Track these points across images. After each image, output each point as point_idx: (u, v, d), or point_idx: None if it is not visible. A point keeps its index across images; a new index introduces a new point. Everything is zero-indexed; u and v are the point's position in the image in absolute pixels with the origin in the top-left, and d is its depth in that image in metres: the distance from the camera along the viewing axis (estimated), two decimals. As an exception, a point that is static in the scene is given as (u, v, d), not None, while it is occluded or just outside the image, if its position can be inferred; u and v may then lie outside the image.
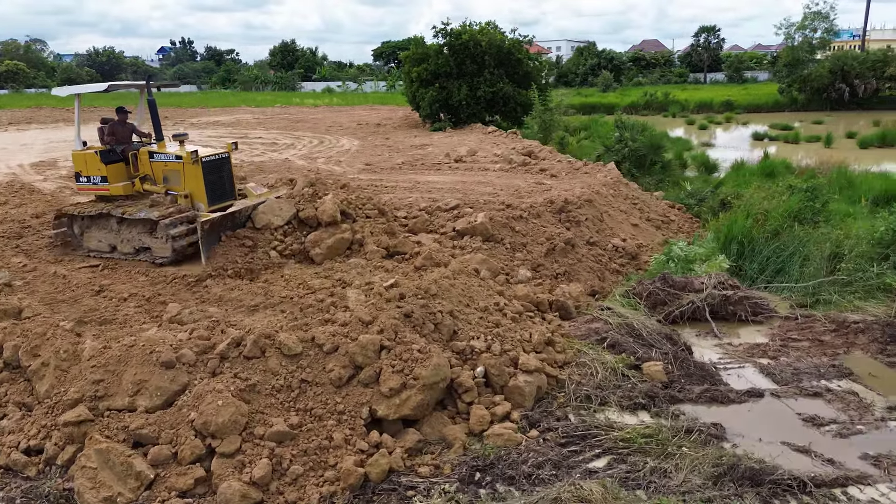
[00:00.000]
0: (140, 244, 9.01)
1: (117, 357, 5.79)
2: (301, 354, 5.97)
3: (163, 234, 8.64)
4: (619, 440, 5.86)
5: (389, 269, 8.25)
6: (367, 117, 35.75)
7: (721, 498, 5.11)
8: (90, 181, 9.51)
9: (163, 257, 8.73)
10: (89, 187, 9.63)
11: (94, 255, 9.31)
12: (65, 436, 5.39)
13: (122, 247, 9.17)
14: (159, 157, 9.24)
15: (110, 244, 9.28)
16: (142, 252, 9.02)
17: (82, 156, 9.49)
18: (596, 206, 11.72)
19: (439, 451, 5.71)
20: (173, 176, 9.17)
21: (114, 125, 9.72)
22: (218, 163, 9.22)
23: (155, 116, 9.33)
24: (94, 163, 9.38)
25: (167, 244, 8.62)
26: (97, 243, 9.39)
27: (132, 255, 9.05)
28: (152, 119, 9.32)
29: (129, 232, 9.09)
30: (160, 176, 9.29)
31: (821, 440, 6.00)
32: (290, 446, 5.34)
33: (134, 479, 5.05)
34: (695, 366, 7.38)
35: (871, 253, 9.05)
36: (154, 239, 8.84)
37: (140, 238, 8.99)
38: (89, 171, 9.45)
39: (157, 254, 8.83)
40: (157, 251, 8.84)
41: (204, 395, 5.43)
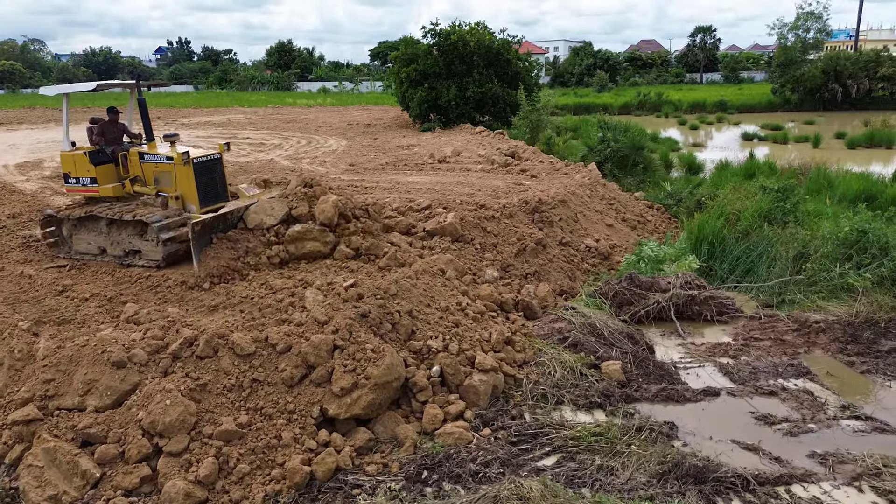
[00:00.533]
0: (130, 247, 8.78)
1: (69, 357, 5.83)
2: (254, 354, 6.01)
3: (154, 237, 8.42)
4: (570, 439, 5.91)
5: (354, 269, 8.28)
6: (359, 117, 35.80)
7: (663, 495, 5.15)
8: (79, 182, 9.28)
9: (153, 260, 8.50)
10: (78, 188, 9.38)
11: (83, 258, 9.12)
12: (14, 435, 5.43)
13: (112, 249, 8.94)
14: (150, 158, 9.01)
15: (100, 247, 9.06)
16: (132, 255, 8.79)
17: (71, 157, 9.25)
18: (570, 206, 11.76)
19: (390, 450, 5.75)
20: (164, 177, 8.93)
21: (104, 125, 9.53)
22: (210, 164, 8.98)
23: (145, 116, 9.10)
24: (82, 164, 9.16)
25: (158, 247, 8.40)
26: (86, 246, 9.17)
27: (122, 258, 8.83)
28: (142, 119, 9.10)
29: (119, 234, 8.87)
30: (151, 177, 9.05)
31: (771, 438, 6.05)
32: (237, 445, 5.38)
33: (80, 478, 5.09)
34: (654, 365, 7.43)
35: (836, 253, 9.10)
36: (145, 242, 8.62)
37: (130, 241, 8.75)
38: (78, 173, 9.23)
39: (147, 257, 8.60)
40: (147, 254, 8.61)
41: (153, 395, 5.47)
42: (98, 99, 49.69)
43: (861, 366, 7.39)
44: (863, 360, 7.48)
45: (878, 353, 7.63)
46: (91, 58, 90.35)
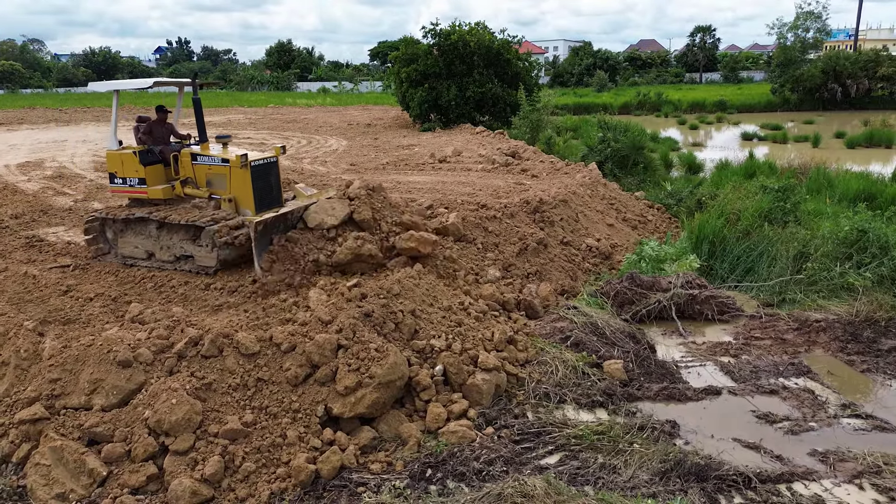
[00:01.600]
0: (181, 252, 8.36)
1: (75, 356, 5.87)
2: (258, 353, 6.05)
3: (208, 242, 8.03)
4: (572, 437, 5.95)
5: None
6: (359, 117, 35.83)
7: (666, 493, 5.19)
8: (126, 183, 8.87)
9: (206, 266, 8.12)
10: (125, 189, 8.95)
11: (129, 262, 8.77)
12: (21, 434, 5.47)
13: (161, 254, 8.52)
14: (203, 160, 8.60)
15: (147, 251, 8.66)
16: (182, 260, 8.40)
17: (118, 156, 8.84)
18: (571, 206, 11.80)
19: (394, 449, 5.79)
20: (218, 180, 8.54)
21: (151, 124, 9.14)
22: (266, 167, 8.53)
23: (199, 117, 8.66)
24: (131, 164, 8.75)
25: (212, 252, 8.01)
26: (133, 249, 8.75)
27: (171, 263, 8.46)
28: (196, 119, 8.63)
29: (169, 238, 8.44)
30: (203, 179, 8.66)
31: (772, 437, 6.09)
32: (243, 444, 5.42)
33: (86, 477, 5.13)
34: (655, 364, 7.47)
35: (836, 252, 9.15)
36: (197, 247, 8.18)
37: (182, 245, 8.33)
38: (125, 173, 8.82)
39: (199, 263, 8.18)
40: (200, 260, 8.18)
41: (159, 394, 5.50)
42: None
43: (861, 364, 7.44)
44: (863, 359, 7.53)
45: (879, 351, 7.67)
46: (90, 58, 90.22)
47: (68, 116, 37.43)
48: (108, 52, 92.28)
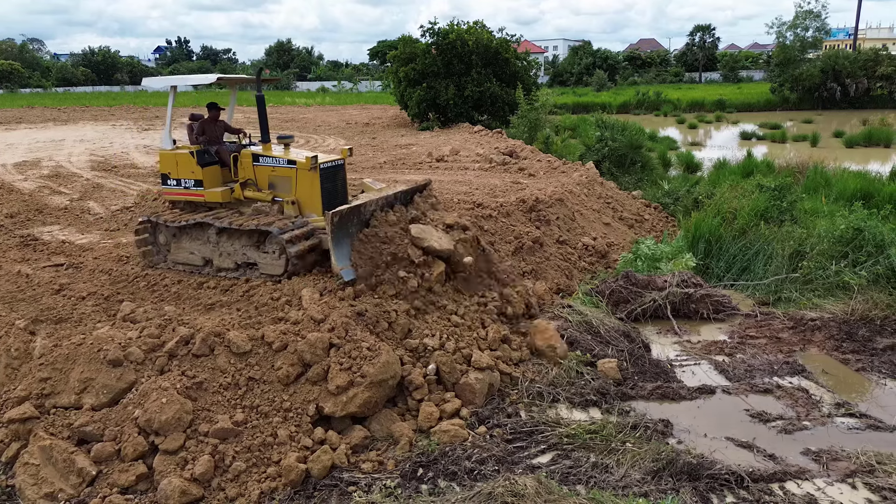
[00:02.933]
0: (244, 259, 7.84)
1: (65, 355, 5.85)
2: (250, 352, 6.03)
3: (275, 248, 7.54)
4: (565, 436, 5.94)
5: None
6: (358, 117, 35.82)
7: (658, 492, 5.17)
8: (181, 185, 8.33)
9: (272, 275, 7.58)
10: (179, 192, 8.40)
11: (181, 268, 8.30)
12: (10, 433, 5.45)
13: (220, 261, 7.98)
14: (266, 161, 8.07)
15: (205, 257, 8.14)
16: (244, 268, 7.88)
17: (173, 156, 8.29)
18: (567, 205, 11.78)
19: (385, 448, 5.77)
20: (282, 182, 8.04)
21: (204, 123, 8.60)
22: (334, 170, 8.10)
23: (263, 115, 8.17)
24: (187, 164, 8.20)
25: (280, 259, 7.50)
26: (188, 256, 8.25)
27: (231, 270, 7.92)
28: (260, 118, 8.18)
29: (230, 244, 7.90)
30: (265, 182, 8.15)
31: (765, 436, 6.07)
32: (233, 443, 5.39)
33: (76, 476, 5.11)
34: (650, 363, 7.46)
35: (832, 251, 9.12)
36: (262, 253, 7.68)
37: (245, 252, 7.81)
38: (180, 174, 8.27)
39: (265, 271, 7.63)
40: (265, 267, 7.63)
41: (149, 393, 5.48)
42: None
43: (856, 363, 7.42)
44: (858, 358, 7.51)
45: (874, 350, 7.65)
46: (90, 57, 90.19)
47: (67, 116, 37.41)
48: (108, 52, 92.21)
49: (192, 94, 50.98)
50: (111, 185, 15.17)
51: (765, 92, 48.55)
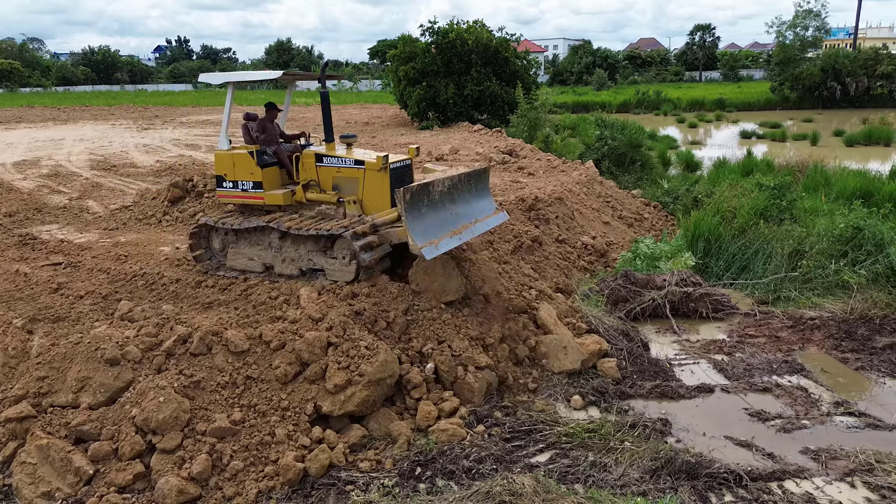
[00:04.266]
0: (310, 265, 7.55)
1: (63, 354, 5.84)
2: (248, 351, 6.02)
3: (344, 254, 7.27)
4: (563, 435, 5.93)
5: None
6: (357, 116, 35.78)
7: (656, 491, 5.16)
8: (238, 187, 7.94)
9: (339, 281, 7.27)
10: (237, 195, 8.00)
11: (239, 275, 7.91)
12: (7, 432, 5.44)
13: (283, 267, 7.69)
14: (331, 162, 7.71)
15: (265, 263, 7.85)
16: (310, 274, 7.60)
17: (230, 157, 7.89)
18: (567, 204, 11.76)
19: (383, 447, 5.76)
20: (347, 184, 7.72)
21: (263, 122, 8.29)
22: (402, 170, 7.83)
23: (327, 113, 7.85)
24: (246, 166, 7.79)
25: (350, 265, 7.22)
26: (247, 262, 7.94)
27: (294, 277, 7.63)
28: (324, 116, 7.89)
29: (294, 250, 7.62)
30: (329, 183, 7.81)
31: (764, 435, 6.06)
32: (231, 442, 5.38)
33: (73, 475, 5.10)
34: (649, 362, 7.44)
35: (831, 250, 9.10)
36: (331, 259, 7.40)
37: (311, 258, 7.53)
38: (238, 176, 7.88)
39: (332, 277, 7.35)
40: (333, 274, 7.35)
41: (147, 392, 5.47)
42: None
43: (855, 362, 7.40)
44: (857, 357, 7.49)
45: (873, 349, 7.64)
46: (90, 56, 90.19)
47: (66, 115, 37.38)
48: (108, 51, 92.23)
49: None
50: (110, 184, 15.16)
51: (765, 91, 48.53)
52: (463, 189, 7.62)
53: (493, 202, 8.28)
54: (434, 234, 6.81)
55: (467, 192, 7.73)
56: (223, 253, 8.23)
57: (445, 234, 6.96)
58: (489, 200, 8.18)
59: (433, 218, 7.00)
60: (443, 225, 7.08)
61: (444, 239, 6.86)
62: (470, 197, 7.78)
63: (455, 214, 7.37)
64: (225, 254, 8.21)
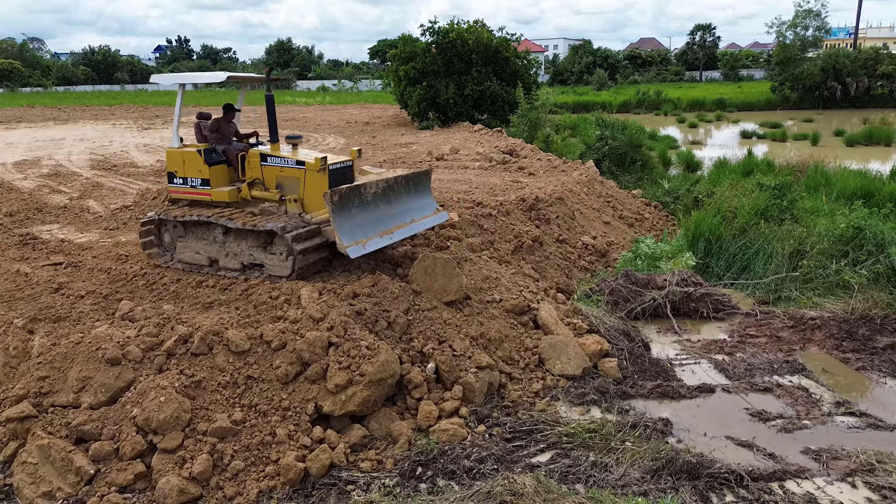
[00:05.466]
0: (251, 260, 7.82)
1: (64, 354, 5.84)
2: (248, 351, 6.01)
3: (282, 250, 7.53)
4: (564, 435, 5.92)
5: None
6: (358, 115, 35.81)
7: (657, 491, 5.16)
8: (187, 183, 8.25)
9: (279, 276, 7.56)
10: (185, 190, 8.31)
11: (187, 268, 8.25)
12: (8, 432, 5.44)
13: (226, 261, 7.97)
14: (274, 161, 8.04)
15: (210, 258, 8.12)
16: (250, 269, 7.87)
17: (180, 154, 8.21)
18: (567, 203, 11.76)
19: (384, 447, 5.75)
20: (289, 183, 8.03)
21: (219, 122, 8.58)
22: (342, 171, 8.04)
23: (272, 115, 8.15)
24: (194, 163, 8.11)
25: (287, 261, 7.48)
26: (193, 255, 8.22)
27: (237, 271, 7.90)
28: (269, 118, 8.14)
29: (237, 245, 7.88)
30: (273, 181, 8.13)
31: (765, 435, 6.06)
32: (232, 442, 5.38)
33: (74, 475, 5.09)
34: (649, 362, 7.44)
35: (832, 250, 9.10)
36: (270, 255, 7.66)
37: (251, 253, 7.79)
38: (187, 173, 8.19)
39: (271, 272, 7.62)
40: (271, 268, 7.63)
41: (147, 392, 5.47)
42: (94, 97, 49.65)
43: (856, 362, 7.40)
44: (858, 357, 7.49)
45: (874, 349, 7.64)
46: (90, 56, 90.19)
47: (67, 115, 37.40)
48: (108, 51, 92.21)
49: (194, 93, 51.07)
50: (111, 183, 15.16)
51: (765, 91, 48.52)
52: (400, 190, 8.09)
53: (434, 202, 8.79)
54: (363, 234, 7.30)
55: (405, 194, 8.19)
56: (173, 247, 8.52)
57: (375, 234, 7.44)
58: (430, 201, 8.69)
59: (364, 218, 7.45)
60: (374, 225, 7.54)
61: (374, 238, 7.36)
62: (408, 198, 8.23)
63: (389, 215, 7.83)
64: (175, 247, 8.51)
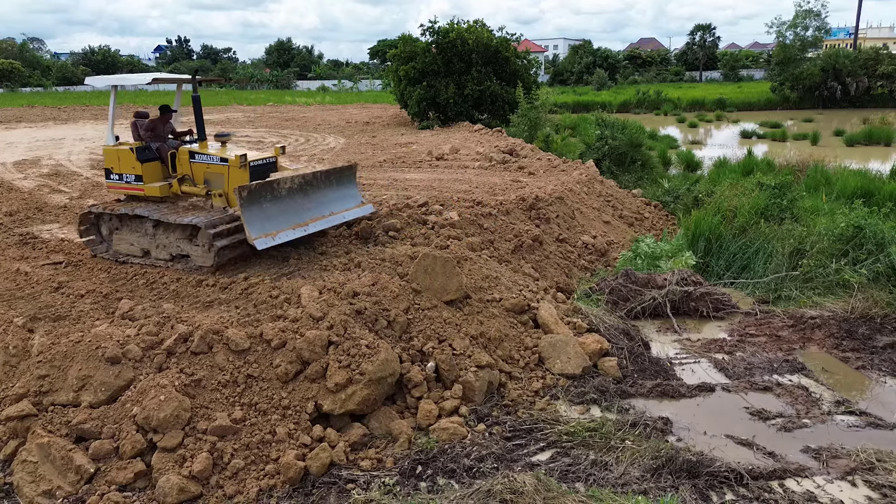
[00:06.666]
0: (178, 251, 8.35)
1: (64, 353, 5.84)
2: (248, 350, 6.01)
3: (204, 241, 8.01)
4: (564, 434, 5.92)
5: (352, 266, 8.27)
6: (358, 115, 35.80)
7: (657, 490, 5.16)
8: (122, 179, 8.82)
9: (203, 266, 8.09)
10: (121, 186, 8.91)
11: (123, 260, 8.73)
12: (8, 430, 5.44)
13: (157, 252, 8.51)
14: (201, 158, 8.56)
15: (143, 249, 8.64)
16: (178, 259, 8.39)
17: (115, 152, 8.77)
18: (567, 203, 11.76)
19: (384, 446, 5.75)
20: (216, 178, 8.49)
21: (154, 122, 9.10)
22: (265, 167, 8.51)
23: (199, 115, 8.60)
24: (128, 160, 8.66)
25: (209, 252, 7.98)
26: (128, 247, 8.75)
27: (167, 261, 8.44)
28: (196, 117, 8.60)
29: (165, 237, 8.43)
30: (201, 178, 8.63)
31: (765, 433, 6.05)
32: (232, 440, 5.38)
33: (74, 473, 5.09)
34: (649, 361, 7.44)
35: (832, 249, 9.10)
36: (194, 246, 8.18)
37: (178, 244, 8.33)
38: (122, 169, 8.75)
39: (196, 262, 8.16)
40: (196, 259, 8.16)
41: (147, 391, 5.47)
42: (95, 97, 49.64)
43: (856, 361, 7.40)
44: (858, 356, 7.49)
45: (874, 348, 7.64)
46: (90, 56, 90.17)
47: (67, 115, 37.39)
48: (108, 51, 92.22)
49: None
50: (111, 183, 15.12)
51: (765, 91, 48.52)
52: (319, 185, 8.69)
53: (360, 196, 9.48)
54: (274, 227, 7.88)
55: (326, 188, 8.80)
56: (111, 238, 9.03)
57: (288, 227, 8.03)
58: (354, 194, 9.35)
59: (276, 212, 7.99)
60: (286, 218, 8.10)
61: (286, 231, 7.96)
62: (329, 192, 8.84)
63: (305, 208, 8.42)
64: (112, 239, 9.01)
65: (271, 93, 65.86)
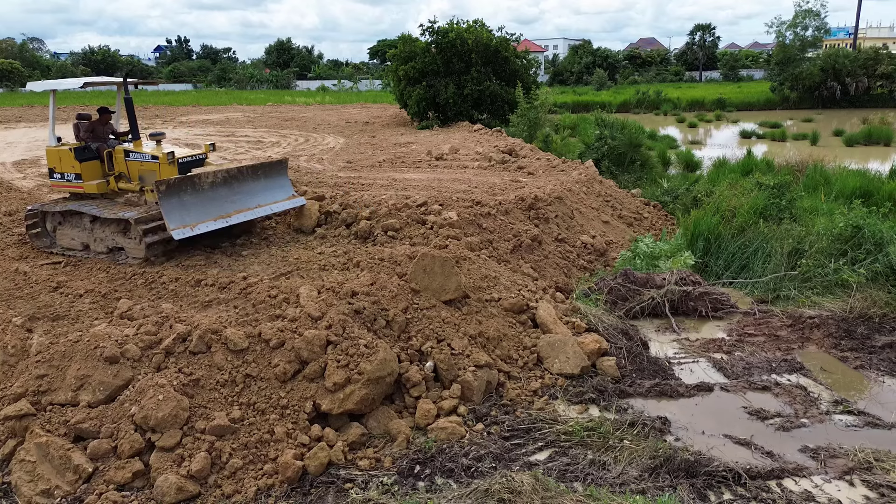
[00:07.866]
0: (113, 244, 8.96)
1: (62, 352, 5.84)
2: (247, 349, 6.01)
3: (136, 235, 8.59)
4: (562, 434, 5.92)
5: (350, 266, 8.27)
6: (357, 115, 35.78)
7: (655, 489, 5.16)
8: (64, 178, 9.48)
9: (136, 258, 8.66)
10: (63, 184, 9.57)
11: (67, 253, 9.29)
12: (6, 430, 5.44)
13: (96, 246, 9.13)
14: (135, 157, 9.22)
15: (83, 242, 9.25)
16: (115, 252, 8.96)
17: (56, 152, 9.47)
18: (566, 203, 11.76)
19: (382, 445, 5.76)
20: (149, 175, 9.09)
21: (94, 123, 9.70)
22: (194, 163, 9.16)
23: (131, 115, 9.25)
24: (68, 159, 9.33)
25: (140, 245, 8.57)
26: (70, 241, 9.38)
27: (105, 254, 8.99)
28: (129, 117, 9.24)
29: (102, 231, 9.03)
30: (136, 175, 9.27)
31: (763, 433, 6.06)
32: (230, 440, 5.39)
33: (72, 473, 5.10)
34: (648, 360, 7.44)
35: (831, 249, 9.11)
36: (128, 239, 8.77)
37: (113, 238, 8.93)
38: (63, 168, 9.41)
39: (130, 254, 8.76)
40: (130, 252, 8.76)
41: (146, 390, 5.47)
42: (88, 97, 49.63)
43: (854, 361, 7.41)
44: (856, 356, 7.50)
45: (872, 348, 7.64)
46: (90, 56, 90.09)
47: (67, 115, 37.32)
48: (108, 51, 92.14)
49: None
50: (110, 183, 15.13)
51: (765, 91, 48.51)
52: (245, 179, 9.24)
53: (290, 189, 9.99)
54: (194, 219, 8.41)
55: (253, 181, 9.34)
56: (55, 233, 9.57)
57: (209, 219, 8.56)
58: (285, 187, 9.86)
59: (196, 204, 8.51)
60: (208, 210, 8.62)
61: (207, 222, 8.50)
62: (256, 185, 9.37)
63: (230, 201, 8.94)
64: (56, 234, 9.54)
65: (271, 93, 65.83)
